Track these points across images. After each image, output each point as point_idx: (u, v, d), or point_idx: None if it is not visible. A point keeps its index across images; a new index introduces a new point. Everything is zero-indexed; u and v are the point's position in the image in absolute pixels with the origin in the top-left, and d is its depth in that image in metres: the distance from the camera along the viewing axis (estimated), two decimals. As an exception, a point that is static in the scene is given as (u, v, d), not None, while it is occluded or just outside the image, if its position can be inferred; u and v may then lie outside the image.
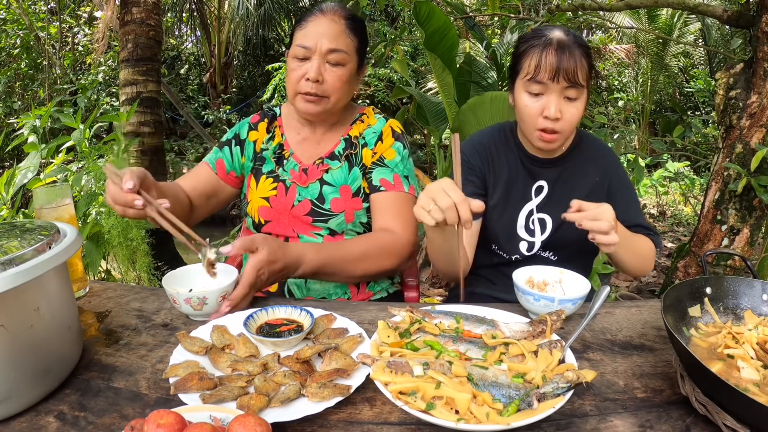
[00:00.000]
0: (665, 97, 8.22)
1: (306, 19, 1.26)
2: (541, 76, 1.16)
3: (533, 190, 1.33)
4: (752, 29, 2.31)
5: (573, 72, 1.15)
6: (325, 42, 1.22)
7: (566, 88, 1.17)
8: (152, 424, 0.58)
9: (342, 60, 1.24)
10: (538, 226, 1.32)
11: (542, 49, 1.17)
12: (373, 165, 1.32)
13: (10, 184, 2.33)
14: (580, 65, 1.16)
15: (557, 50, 1.15)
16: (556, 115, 1.17)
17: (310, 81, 1.22)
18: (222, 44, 9.51)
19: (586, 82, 1.19)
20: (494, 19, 4.33)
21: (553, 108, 1.17)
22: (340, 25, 1.25)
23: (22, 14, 6.44)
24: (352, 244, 1.22)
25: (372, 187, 1.31)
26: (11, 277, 0.66)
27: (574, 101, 1.19)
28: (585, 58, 1.18)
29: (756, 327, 0.83)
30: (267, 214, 1.33)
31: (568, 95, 1.18)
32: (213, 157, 1.39)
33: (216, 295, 0.98)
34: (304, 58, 1.24)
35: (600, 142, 1.39)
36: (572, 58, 1.15)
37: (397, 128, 1.37)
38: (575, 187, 1.31)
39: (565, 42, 1.17)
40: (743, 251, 2.40)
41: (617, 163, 1.37)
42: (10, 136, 3.20)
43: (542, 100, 1.19)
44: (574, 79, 1.15)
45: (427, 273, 3.97)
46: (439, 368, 0.73)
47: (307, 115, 1.29)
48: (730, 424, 0.65)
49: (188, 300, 0.96)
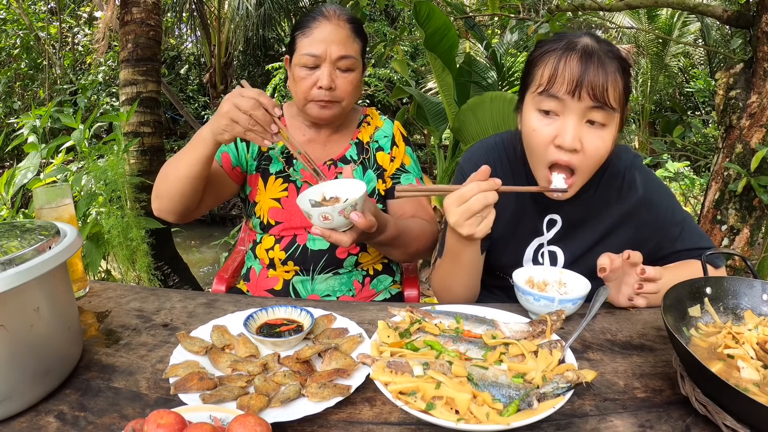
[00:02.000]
0: (665, 97, 8.22)
1: (309, 26, 1.24)
2: (556, 89, 0.89)
3: (545, 224, 1.14)
4: (752, 29, 2.31)
5: (602, 87, 0.87)
6: (335, 49, 1.21)
7: (591, 109, 0.89)
8: (152, 424, 0.58)
9: (352, 65, 1.25)
10: (548, 259, 1.16)
11: (562, 54, 0.90)
12: (398, 171, 1.39)
13: (10, 184, 2.32)
14: (612, 81, 0.88)
15: (582, 57, 0.89)
16: (573, 145, 0.89)
17: (323, 89, 1.22)
18: (222, 44, 9.50)
19: (619, 105, 0.90)
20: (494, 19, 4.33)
21: (570, 134, 0.89)
22: (346, 29, 1.25)
23: (22, 14, 6.44)
24: (410, 223, 1.29)
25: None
26: (11, 277, 0.66)
27: (602, 129, 0.90)
28: (621, 74, 0.90)
29: (756, 327, 0.83)
30: (278, 215, 1.32)
31: (593, 119, 0.90)
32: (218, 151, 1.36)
33: (360, 203, 0.97)
34: (313, 67, 1.23)
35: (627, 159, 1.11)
36: (602, 70, 0.88)
37: (403, 131, 1.43)
38: (593, 220, 1.11)
39: (595, 49, 0.90)
40: (743, 251, 2.40)
41: (654, 184, 1.11)
42: (10, 136, 3.20)
43: (557, 123, 0.92)
44: (603, 97, 0.87)
45: (426, 273, 3.97)
46: (439, 368, 0.73)
47: (321, 120, 1.30)
48: (730, 424, 0.65)
49: (342, 211, 0.95)
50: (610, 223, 1.13)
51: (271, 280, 1.35)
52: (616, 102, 0.90)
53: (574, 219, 1.14)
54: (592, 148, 0.91)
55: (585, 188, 1.08)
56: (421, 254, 1.35)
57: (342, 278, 1.34)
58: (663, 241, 1.14)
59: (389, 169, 1.37)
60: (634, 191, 1.12)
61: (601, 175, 1.11)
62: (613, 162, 1.11)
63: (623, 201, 1.12)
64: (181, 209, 1.25)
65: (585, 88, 0.87)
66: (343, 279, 1.35)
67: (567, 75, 0.88)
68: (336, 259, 1.32)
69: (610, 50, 0.93)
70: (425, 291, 3.71)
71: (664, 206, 1.13)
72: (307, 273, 1.33)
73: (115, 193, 2.54)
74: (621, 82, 0.91)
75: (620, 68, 0.91)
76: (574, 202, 1.10)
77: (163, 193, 1.23)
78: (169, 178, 1.21)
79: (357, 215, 0.96)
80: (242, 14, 9.12)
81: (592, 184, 1.10)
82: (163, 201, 1.24)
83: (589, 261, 1.13)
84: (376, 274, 1.40)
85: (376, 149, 1.37)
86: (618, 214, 1.12)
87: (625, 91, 0.93)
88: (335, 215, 0.95)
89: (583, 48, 0.90)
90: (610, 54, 0.92)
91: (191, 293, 1.15)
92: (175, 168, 1.19)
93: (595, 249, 1.16)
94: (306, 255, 1.31)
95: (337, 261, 1.33)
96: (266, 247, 1.34)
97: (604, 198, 1.12)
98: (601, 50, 0.91)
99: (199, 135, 1.16)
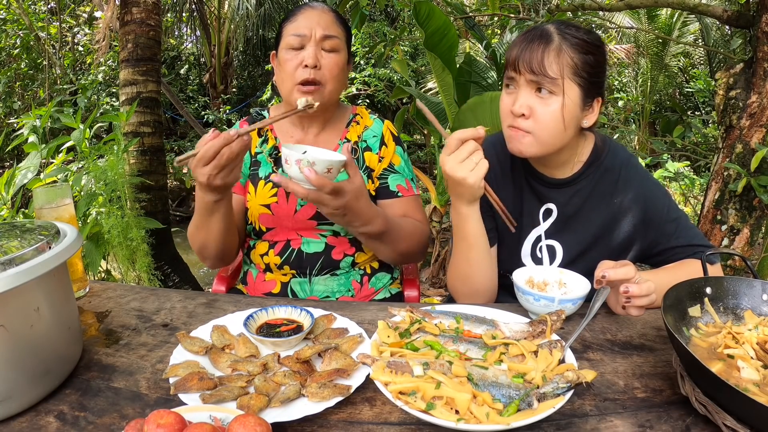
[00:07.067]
0: (665, 97, 8.22)
1: (295, 13, 1.29)
2: (510, 67, 1.06)
3: (541, 214, 1.20)
4: (752, 29, 2.31)
5: (539, 62, 1.01)
6: (320, 29, 1.25)
7: (534, 82, 1.02)
8: (152, 424, 0.58)
9: (336, 46, 1.27)
10: (547, 254, 1.20)
11: (521, 39, 1.06)
12: (386, 171, 1.37)
13: (10, 184, 2.33)
14: (554, 56, 1.01)
15: (527, 38, 1.04)
16: (519, 110, 1.04)
17: (308, 68, 1.23)
18: (222, 44, 9.50)
19: (569, 77, 1.02)
20: (494, 19, 4.33)
21: (518, 102, 1.04)
22: (330, 15, 1.29)
23: (22, 14, 6.43)
24: (401, 221, 1.28)
25: (389, 192, 1.35)
26: (11, 277, 0.66)
27: (549, 96, 1.03)
28: (573, 51, 1.02)
29: (756, 327, 0.83)
30: (269, 221, 1.32)
31: (541, 87, 1.03)
32: None
33: (324, 166, 0.98)
34: (299, 47, 1.25)
35: (624, 157, 1.18)
36: (545, 46, 1.01)
37: (394, 131, 1.41)
38: (589, 212, 1.17)
39: (546, 32, 1.04)
40: (743, 251, 2.40)
41: (649, 182, 1.17)
42: (10, 136, 3.20)
43: (513, 95, 1.07)
44: (540, 70, 1.00)
45: (427, 273, 3.97)
46: (439, 368, 0.73)
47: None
48: (730, 424, 0.65)
49: (299, 161, 0.97)
50: (607, 218, 1.16)
51: (269, 283, 1.35)
52: (559, 74, 1.01)
53: (569, 210, 1.18)
54: (540, 114, 1.04)
55: (578, 179, 1.16)
56: (411, 255, 1.33)
57: (340, 279, 1.34)
58: (659, 238, 1.16)
59: (377, 169, 1.36)
60: (630, 187, 1.15)
61: (596, 168, 1.16)
62: (609, 157, 1.17)
63: (619, 195, 1.16)
64: (232, 254, 1.30)
65: (523, 62, 1.03)
66: (341, 280, 1.34)
67: (513, 54, 1.05)
68: (332, 260, 1.32)
69: (563, 31, 1.04)
70: (425, 291, 3.71)
71: (659, 203, 1.16)
72: (304, 275, 1.33)
73: (115, 193, 2.54)
74: (574, 57, 1.02)
75: (573, 46, 1.03)
76: (569, 192, 1.17)
77: (212, 256, 1.25)
78: (209, 245, 1.20)
79: (309, 170, 0.96)
80: (242, 14, 9.12)
81: (585, 174, 1.16)
82: (215, 260, 1.27)
83: (588, 258, 1.16)
84: (374, 272, 1.40)
85: (364, 149, 1.36)
86: (614, 209, 1.16)
87: (588, 65, 1.03)
88: (292, 163, 0.98)
89: (540, 32, 1.05)
90: (567, 35, 1.03)
91: (191, 293, 1.15)
92: (206, 233, 1.18)
93: (593, 246, 1.18)
94: (301, 258, 1.31)
95: (334, 262, 1.32)
96: (260, 252, 1.34)
97: (600, 191, 1.16)
98: (553, 31, 1.04)
99: (208, 202, 1.09)
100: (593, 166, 1.16)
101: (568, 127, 1.06)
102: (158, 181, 3.63)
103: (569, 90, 1.03)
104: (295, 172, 0.99)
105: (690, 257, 1.15)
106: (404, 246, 1.27)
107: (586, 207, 1.17)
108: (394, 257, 1.32)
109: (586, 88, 1.05)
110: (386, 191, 1.35)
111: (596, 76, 1.06)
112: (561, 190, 1.18)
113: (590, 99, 1.08)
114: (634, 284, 0.93)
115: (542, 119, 1.04)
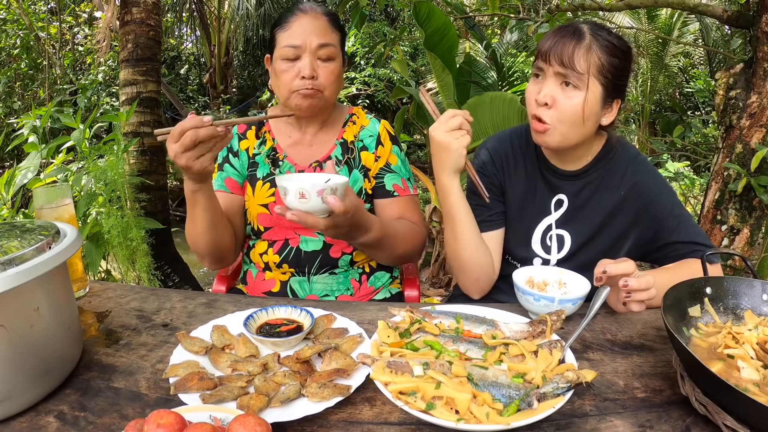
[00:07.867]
0: (665, 97, 8.21)
1: (287, 20, 1.27)
2: (540, 57, 1.10)
3: (552, 204, 1.24)
4: (752, 29, 2.31)
5: (569, 56, 1.05)
6: (314, 38, 1.23)
7: (561, 74, 1.07)
8: (152, 424, 0.58)
9: (332, 54, 1.26)
10: (556, 242, 1.24)
11: (554, 33, 1.10)
12: (382, 171, 1.36)
13: (10, 184, 2.33)
14: (584, 53, 1.05)
15: (561, 32, 1.08)
16: (543, 100, 1.08)
17: (305, 79, 1.23)
18: (222, 44, 9.51)
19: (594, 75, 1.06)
20: (494, 19, 4.33)
21: (543, 92, 1.08)
22: (324, 21, 1.27)
23: (22, 14, 6.43)
24: (396, 224, 1.27)
25: (385, 192, 1.35)
26: (11, 277, 0.66)
27: (573, 90, 1.07)
28: (601, 51, 1.06)
29: (756, 327, 0.83)
30: (267, 221, 1.32)
31: (567, 80, 1.07)
32: (220, 182, 1.35)
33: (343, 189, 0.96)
34: (294, 58, 1.24)
35: (632, 153, 1.23)
36: (576, 43, 1.06)
37: (390, 130, 1.41)
38: (597, 203, 1.21)
39: (580, 30, 1.08)
40: (743, 251, 2.40)
41: (655, 178, 1.21)
42: (10, 136, 3.20)
43: (539, 85, 1.11)
44: (569, 63, 1.05)
45: (427, 273, 3.97)
46: (439, 368, 0.73)
47: (304, 111, 1.28)
48: (730, 424, 0.65)
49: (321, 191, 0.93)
50: (612, 207, 1.20)
51: (268, 282, 1.36)
52: (586, 70, 1.06)
53: (579, 201, 1.22)
54: (562, 105, 1.08)
55: (589, 171, 1.22)
56: (408, 257, 1.33)
57: (338, 278, 1.34)
58: (660, 231, 1.19)
59: (373, 169, 1.36)
60: (637, 180, 1.20)
61: (606, 162, 1.22)
62: (619, 151, 1.22)
63: (625, 187, 1.20)
64: (226, 253, 1.29)
65: (554, 54, 1.07)
66: (339, 278, 1.34)
67: (545, 45, 1.09)
68: (330, 259, 1.32)
69: (601, 34, 1.08)
70: (425, 291, 3.71)
71: (664, 198, 1.20)
72: (303, 274, 1.33)
73: (115, 193, 2.54)
74: (601, 57, 1.07)
75: (602, 48, 1.07)
76: (579, 184, 1.22)
77: (204, 252, 1.24)
78: (198, 240, 1.20)
79: (334, 199, 0.94)
80: (242, 14, 9.13)
81: (595, 167, 1.22)
82: (209, 258, 1.27)
83: (592, 247, 1.20)
84: (373, 271, 1.40)
85: (360, 148, 1.36)
86: (619, 198, 1.20)
87: (613, 67, 1.07)
88: (313, 194, 0.93)
89: (574, 29, 1.08)
90: (599, 36, 1.07)
91: (191, 293, 1.15)
92: (193, 227, 1.18)
93: (598, 234, 1.22)
94: (300, 257, 1.31)
95: (332, 261, 1.32)
96: (260, 251, 1.34)
97: (608, 182, 1.21)
98: (588, 31, 1.08)
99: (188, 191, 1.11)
100: (603, 160, 1.22)
101: (587, 121, 1.10)
102: (158, 181, 3.63)
103: (592, 86, 1.08)
104: (316, 203, 0.94)
105: (690, 256, 1.16)
106: (401, 250, 1.28)
107: (594, 198, 1.22)
108: (392, 261, 1.33)
109: (608, 88, 1.09)
110: (382, 191, 1.35)
111: (620, 79, 1.10)
112: (572, 181, 1.22)
113: (611, 99, 1.12)
114: (633, 278, 0.95)
115: (563, 110, 1.09)
